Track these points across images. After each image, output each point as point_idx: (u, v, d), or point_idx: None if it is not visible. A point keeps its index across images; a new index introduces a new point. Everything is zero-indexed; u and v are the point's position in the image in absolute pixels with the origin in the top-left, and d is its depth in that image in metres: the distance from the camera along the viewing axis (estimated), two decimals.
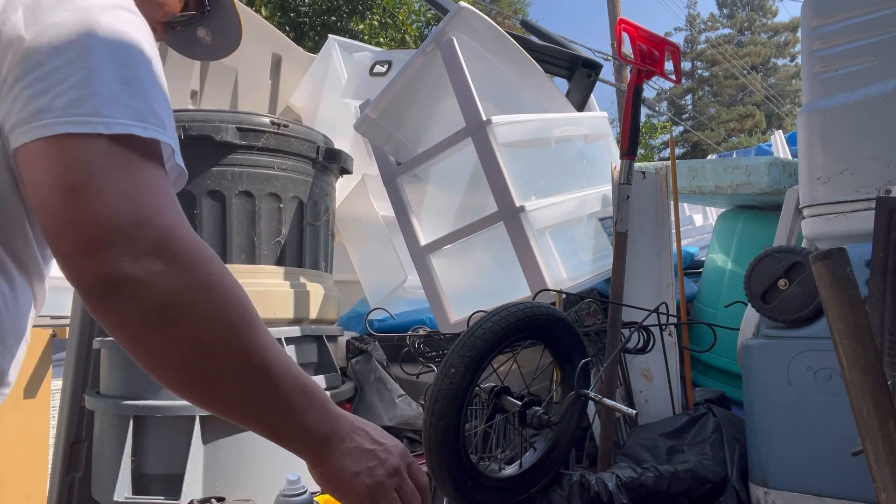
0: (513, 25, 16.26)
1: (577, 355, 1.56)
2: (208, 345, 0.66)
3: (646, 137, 20.29)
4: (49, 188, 0.65)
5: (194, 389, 0.70)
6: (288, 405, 0.72)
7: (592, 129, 2.59)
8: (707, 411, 1.81)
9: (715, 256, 2.56)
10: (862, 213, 1.54)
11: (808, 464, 1.47)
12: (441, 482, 1.38)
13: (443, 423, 1.34)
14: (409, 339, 2.27)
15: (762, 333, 1.62)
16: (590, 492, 1.50)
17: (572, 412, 1.59)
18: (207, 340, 0.66)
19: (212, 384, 0.69)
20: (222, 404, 0.71)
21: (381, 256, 2.75)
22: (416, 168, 2.35)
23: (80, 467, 2.10)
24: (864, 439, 0.76)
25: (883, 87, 1.55)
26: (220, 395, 0.70)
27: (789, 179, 2.16)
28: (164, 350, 0.66)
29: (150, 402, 1.78)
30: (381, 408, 2.08)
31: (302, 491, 1.35)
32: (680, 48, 2.19)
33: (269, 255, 2.02)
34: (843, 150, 1.60)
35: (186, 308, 0.65)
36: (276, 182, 2.02)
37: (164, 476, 1.74)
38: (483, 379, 1.47)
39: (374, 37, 9.87)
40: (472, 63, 2.18)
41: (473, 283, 2.36)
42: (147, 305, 0.64)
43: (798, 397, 1.49)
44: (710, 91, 31.06)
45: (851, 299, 0.78)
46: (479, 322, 1.41)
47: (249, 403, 0.71)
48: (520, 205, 2.03)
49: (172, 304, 0.64)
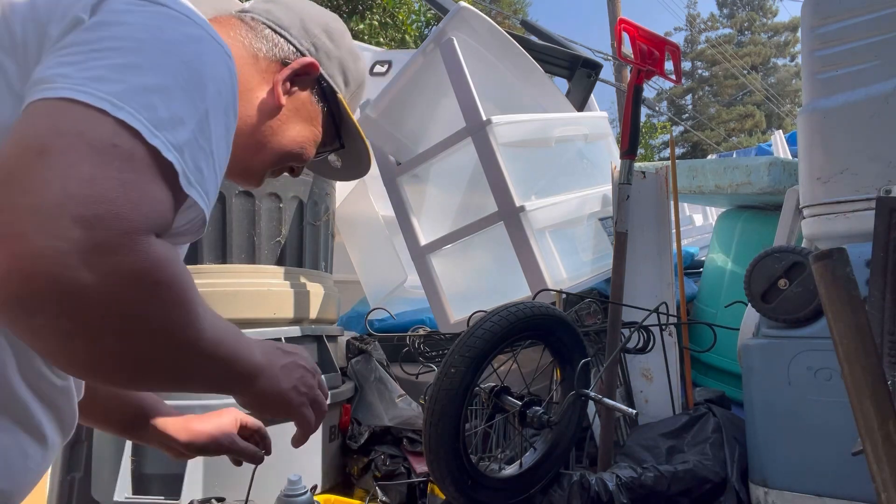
0: (513, 25, 16.26)
1: (577, 355, 1.56)
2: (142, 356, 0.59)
3: (646, 137, 20.29)
4: (16, 142, 0.55)
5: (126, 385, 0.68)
6: (224, 366, 0.69)
7: (592, 129, 2.59)
8: (707, 411, 1.81)
9: (715, 256, 2.56)
10: (862, 213, 1.54)
11: (808, 464, 1.47)
12: (441, 482, 1.38)
13: (443, 424, 1.34)
14: (409, 339, 2.27)
15: (762, 333, 1.62)
16: (590, 492, 1.50)
17: (572, 412, 1.59)
18: (141, 353, 0.59)
19: (147, 381, 0.66)
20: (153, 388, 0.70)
21: (381, 256, 2.75)
22: (416, 168, 2.35)
23: (80, 467, 2.10)
24: (864, 439, 0.76)
25: (883, 87, 1.55)
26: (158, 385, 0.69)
27: (789, 179, 2.16)
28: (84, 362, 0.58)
29: None
30: (381, 408, 2.09)
31: (302, 491, 1.35)
32: (680, 48, 2.19)
33: (269, 255, 2.02)
34: (843, 150, 1.60)
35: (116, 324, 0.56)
36: (276, 182, 2.02)
37: (164, 476, 1.74)
38: (483, 379, 1.47)
39: (374, 37, 9.87)
40: (472, 63, 2.18)
41: (473, 282, 2.36)
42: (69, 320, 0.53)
43: (798, 397, 1.49)
44: (710, 91, 31.06)
45: (851, 299, 0.78)
46: (479, 322, 1.41)
47: (187, 381, 0.69)
48: (520, 205, 2.03)
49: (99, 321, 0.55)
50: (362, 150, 1.08)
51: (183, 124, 0.62)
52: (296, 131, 0.94)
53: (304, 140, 0.96)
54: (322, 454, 1.93)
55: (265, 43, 0.90)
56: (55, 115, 0.57)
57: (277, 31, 0.92)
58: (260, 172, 0.94)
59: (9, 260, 0.51)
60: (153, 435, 1.06)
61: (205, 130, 0.65)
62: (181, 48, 0.65)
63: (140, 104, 0.59)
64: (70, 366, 0.60)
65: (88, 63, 0.60)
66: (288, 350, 0.86)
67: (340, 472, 2.06)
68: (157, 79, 0.61)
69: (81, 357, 0.57)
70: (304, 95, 0.95)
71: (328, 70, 0.97)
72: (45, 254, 0.51)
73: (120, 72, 0.60)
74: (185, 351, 0.62)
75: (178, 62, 0.64)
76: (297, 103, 0.94)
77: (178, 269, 0.60)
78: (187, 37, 0.67)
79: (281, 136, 0.92)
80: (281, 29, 0.92)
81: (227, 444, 1.13)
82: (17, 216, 0.52)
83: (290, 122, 0.93)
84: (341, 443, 2.08)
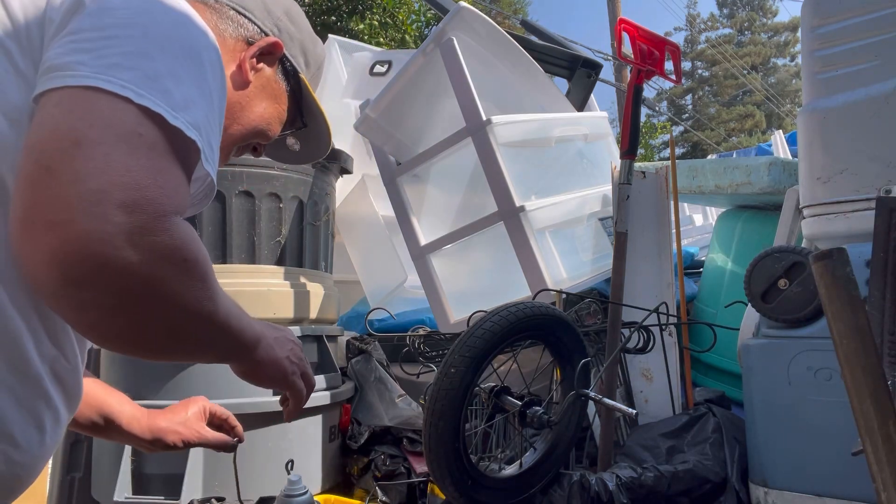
0: (513, 25, 16.26)
1: (577, 355, 1.56)
2: (172, 328, 0.66)
3: (646, 137, 20.28)
4: (51, 131, 0.60)
5: (150, 354, 0.71)
6: (233, 336, 0.75)
7: (592, 129, 2.59)
8: (707, 411, 1.81)
9: (715, 256, 2.56)
10: (862, 213, 1.54)
11: (808, 464, 1.47)
12: (441, 482, 1.38)
13: (443, 423, 1.34)
14: (409, 339, 2.27)
15: (762, 333, 1.62)
16: (590, 492, 1.50)
17: (572, 412, 1.59)
18: (172, 325, 0.65)
19: (169, 352, 0.71)
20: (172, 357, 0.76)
21: (381, 256, 2.75)
22: (416, 168, 2.35)
23: (80, 467, 2.10)
24: (864, 439, 0.76)
25: (883, 87, 1.55)
26: (175, 355, 0.77)
27: (789, 179, 2.16)
28: (122, 334, 0.64)
29: (150, 401, 1.77)
30: (381, 408, 2.08)
31: (303, 491, 1.35)
32: (680, 48, 2.19)
33: (269, 255, 2.02)
34: (843, 150, 1.60)
35: (154, 298, 0.61)
36: (276, 182, 2.02)
37: (164, 476, 1.74)
38: (483, 379, 1.47)
39: (374, 37, 9.87)
40: (472, 63, 2.18)
41: (473, 282, 2.36)
42: (115, 296, 0.59)
43: (798, 397, 1.49)
44: (710, 91, 31.06)
45: (851, 299, 0.78)
46: (479, 322, 1.41)
47: (204, 351, 0.76)
48: (520, 205, 2.03)
49: (140, 295, 0.60)
50: (322, 130, 1.12)
51: (195, 104, 0.67)
52: (262, 108, 0.97)
53: (270, 117, 0.99)
54: (322, 454, 1.94)
55: (230, 24, 0.93)
56: (84, 105, 0.61)
57: (241, 12, 0.95)
58: (227, 149, 0.96)
59: (62, 244, 0.57)
60: (118, 435, 1.11)
61: (210, 108, 0.70)
62: (179, 31, 0.70)
63: (157, 90, 0.64)
64: (106, 337, 0.65)
65: (102, 51, 0.64)
66: (277, 326, 0.93)
67: (340, 472, 2.06)
68: (165, 64, 0.66)
69: (118, 329, 0.63)
70: (269, 73, 0.98)
71: (290, 51, 1.01)
72: (94, 237, 0.57)
73: (133, 59, 0.64)
74: (206, 323, 0.68)
75: (179, 46, 0.69)
76: (263, 80, 0.97)
77: (201, 247, 0.66)
78: (181, 20, 0.71)
79: (249, 112, 0.95)
80: (245, 10, 0.95)
81: (194, 439, 1.18)
82: (65, 204, 0.57)
83: (256, 99, 0.96)
84: (341, 443, 2.08)
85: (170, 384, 1.78)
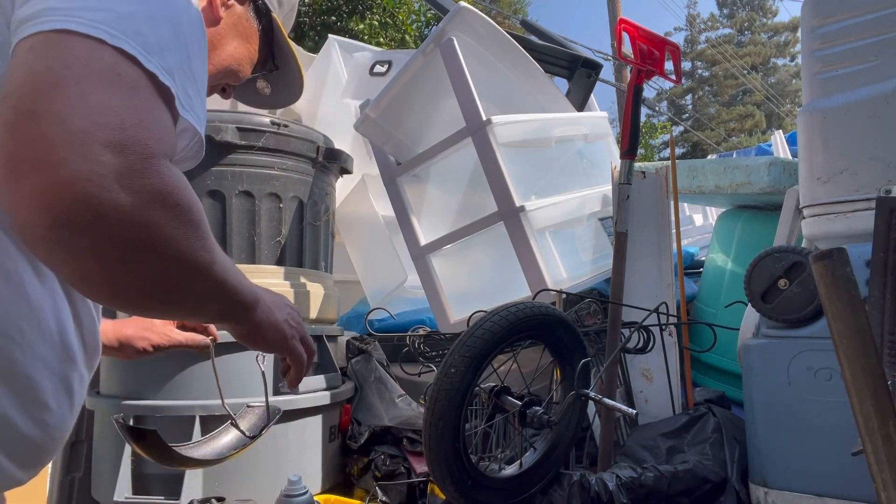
0: (513, 25, 16.26)
1: (577, 355, 1.56)
2: (167, 278, 0.63)
3: (646, 137, 20.28)
4: (26, 75, 0.57)
5: (142, 309, 0.70)
6: (231, 293, 0.73)
7: (592, 129, 2.59)
8: (707, 411, 1.81)
9: (715, 256, 2.56)
10: (862, 213, 1.54)
11: (808, 464, 1.47)
12: (441, 482, 1.38)
13: (443, 423, 1.34)
14: (409, 339, 2.27)
15: (762, 333, 1.62)
16: (590, 492, 1.50)
17: (572, 412, 1.59)
18: (167, 275, 0.62)
19: (163, 305, 0.68)
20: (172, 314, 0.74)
21: (381, 256, 2.75)
22: (416, 168, 2.35)
23: (80, 467, 2.10)
24: (864, 439, 0.76)
25: (883, 87, 1.55)
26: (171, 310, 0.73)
27: (789, 179, 2.16)
28: (115, 284, 0.61)
29: (150, 402, 1.78)
30: (381, 408, 2.08)
31: (303, 491, 1.35)
32: (680, 48, 2.19)
33: (269, 255, 2.02)
34: (843, 150, 1.60)
35: (147, 244, 0.59)
36: (276, 182, 2.02)
37: (164, 476, 1.74)
38: (483, 379, 1.47)
39: (374, 37, 9.87)
40: (472, 63, 2.18)
41: (473, 283, 2.36)
42: (108, 240, 0.56)
43: (798, 397, 1.49)
44: (710, 91, 31.06)
45: (851, 299, 0.78)
46: (479, 322, 1.41)
47: (200, 306, 0.72)
48: (520, 205, 2.03)
49: (133, 241, 0.58)
50: (295, 75, 1.10)
51: (169, 49, 0.64)
52: (233, 47, 0.96)
53: (241, 56, 0.97)
54: (322, 454, 1.94)
55: None
56: (57, 47, 0.58)
57: None
58: None
59: (50, 184, 0.54)
60: None
61: (186, 54, 0.67)
62: None
63: (130, 31, 0.61)
64: (97, 287, 0.62)
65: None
66: (272, 291, 0.91)
67: (340, 472, 2.06)
68: (139, 5, 0.63)
69: (109, 278, 0.59)
70: (241, 11, 0.96)
71: None
72: (83, 177, 0.54)
73: (105, 1, 0.61)
74: (202, 274, 0.65)
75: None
76: (234, 18, 0.95)
77: (194, 194, 0.63)
78: None
79: (220, 51, 0.94)
80: None
81: (164, 343, 1.17)
82: (50, 145, 0.54)
83: (227, 38, 0.95)
84: (341, 443, 2.08)
85: (170, 384, 1.78)
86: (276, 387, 1.83)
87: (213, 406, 1.73)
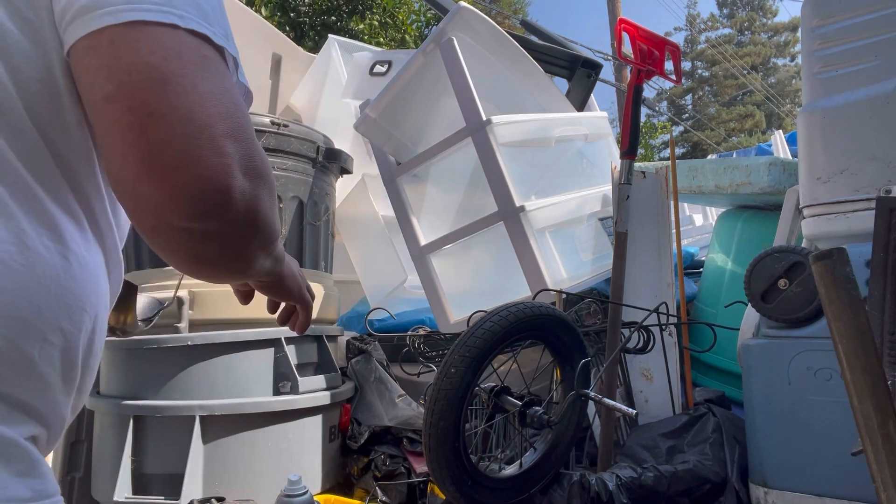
0: (513, 25, 16.26)
1: (578, 355, 1.56)
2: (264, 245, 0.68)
3: (646, 137, 20.28)
4: (128, 73, 0.56)
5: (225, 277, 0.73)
6: (276, 254, 0.76)
7: (592, 129, 2.59)
8: (707, 411, 1.81)
9: (715, 256, 2.56)
10: (862, 213, 1.54)
11: (808, 464, 1.47)
12: (441, 482, 1.38)
13: (443, 423, 1.34)
14: (409, 339, 2.27)
15: (762, 333, 1.62)
16: (590, 492, 1.50)
17: (572, 412, 1.59)
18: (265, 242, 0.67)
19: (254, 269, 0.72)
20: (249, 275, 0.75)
21: (381, 256, 2.75)
22: (416, 168, 2.35)
23: (80, 467, 2.10)
24: (864, 439, 0.76)
25: (883, 87, 1.55)
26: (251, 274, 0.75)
27: (789, 179, 2.16)
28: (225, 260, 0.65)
29: (149, 401, 1.78)
30: (381, 408, 2.08)
31: (303, 491, 1.35)
32: (680, 48, 2.19)
33: None
34: (843, 150, 1.60)
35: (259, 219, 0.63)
36: (276, 182, 2.02)
37: (164, 476, 1.74)
38: (483, 379, 1.47)
39: (374, 37, 9.87)
40: (472, 63, 2.18)
41: (473, 283, 2.36)
42: (233, 223, 0.60)
43: (798, 397, 1.49)
44: (710, 91, 31.06)
45: (851, 299, 0.78)
46: (479, 322, 1.41)
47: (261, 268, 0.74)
48: (520, 205, 2.03)
49: (251, 219, 0.62)
50: None
51: (216, 17, 0.65)
52: None
53: None
54: (322, 454, 1.94)
55: None
56: (143, 40, 0.58)
57: None
58: None
59: (194, 182, 0.57)
60: None
61: (225, 14, 0.68)
62: None
63: (191, 7, 0.61)
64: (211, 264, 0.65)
65: None
66: None
67: (340, 472, 2.06)
68: None
69: (225, 255, 0.63)
70: None
71: None
72: (220, 170, 0.58)
73: None
74: (276, 236, 0.70)
75: None
76: None
77: None
78: None
79: None
80: None
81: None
82: (185, 145, 0.56)
83: None
84: (341, 443, 2.08)
85: (170, 384, 1.78)
86: (276, 387, 1.83)
87: (214, 406, 1.74)
